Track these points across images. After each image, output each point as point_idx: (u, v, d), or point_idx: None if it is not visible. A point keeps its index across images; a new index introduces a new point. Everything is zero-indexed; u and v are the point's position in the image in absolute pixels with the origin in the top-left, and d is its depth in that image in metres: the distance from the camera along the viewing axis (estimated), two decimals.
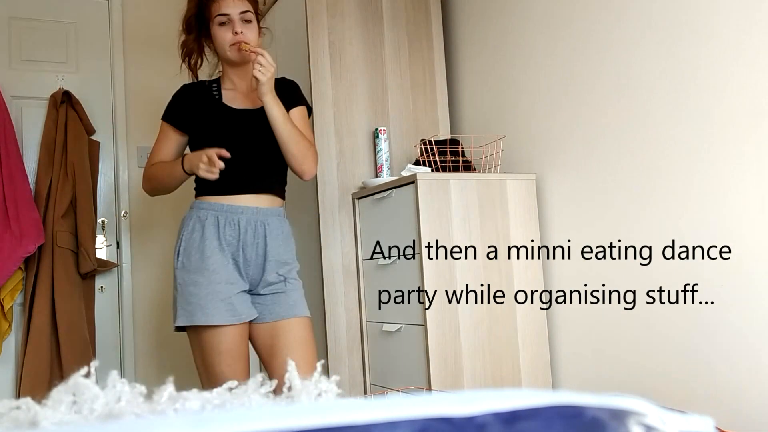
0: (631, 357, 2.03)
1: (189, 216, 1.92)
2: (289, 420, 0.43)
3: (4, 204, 2.76)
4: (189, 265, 1.85)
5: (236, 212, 1.89)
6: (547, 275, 2.33)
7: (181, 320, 1.82)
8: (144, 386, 0.64)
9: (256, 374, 0.72)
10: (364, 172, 2.54)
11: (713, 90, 1.78)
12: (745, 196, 1.70)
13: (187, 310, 1.81)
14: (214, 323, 1.80)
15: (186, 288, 1.83)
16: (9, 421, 0.59)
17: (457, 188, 2.18)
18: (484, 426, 0.45)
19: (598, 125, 2.14)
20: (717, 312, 1.78)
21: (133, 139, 3.20)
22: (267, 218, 1.92)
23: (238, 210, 1.89)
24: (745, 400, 1.70)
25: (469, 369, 2.11)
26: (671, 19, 1.89)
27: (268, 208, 1.93)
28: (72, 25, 3.15)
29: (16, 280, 2.81)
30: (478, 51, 2.70)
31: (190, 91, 2.05)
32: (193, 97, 2.01)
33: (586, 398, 0.51)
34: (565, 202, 2.27)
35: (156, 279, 3.19)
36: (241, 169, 1.91)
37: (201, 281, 1.82)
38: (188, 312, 1.81)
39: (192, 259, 1.85)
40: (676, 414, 0.52)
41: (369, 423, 0.43)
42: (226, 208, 1.88)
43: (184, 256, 1.87)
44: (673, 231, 1.90)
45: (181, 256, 1.88)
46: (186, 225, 1.91)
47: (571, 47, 2.24)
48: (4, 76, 2.98)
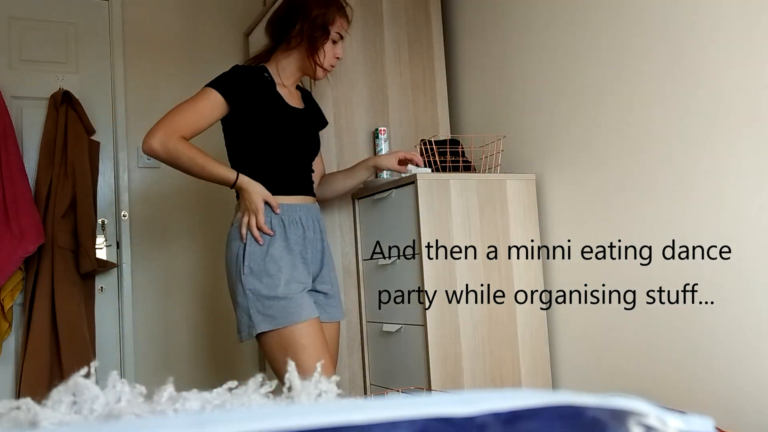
0: (631, 357, 2.03)
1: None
2: (289, 420, 0.43)
3: (4, 204, 2.75)
4: (260, 270, 1.81)
5: (296, 211, 1.91)
6: (547, 275, 2.33)
7: (264, 326, 1.78)
8: (144, 386, 0.64)
9: (256, 374, 0.71)
10: None
11: (713, 90, 1.78)
12: (745, 196, 1.70)
13: (267, 315, 1.78)
14: (303, 319, 1.79)
15: (260, 293, 1.79)
16: (9, 421, 0.59)
17: (457, 188, 2.18)
18: (484, 426, 0.45)
19: (598, 125, 2.14)
20: (717, 312, 1.78)
21: (133, 140, 3.20)
22: (319, 216, 1.99)
23: (297, 209, 1.91)
24: (745, 400, 1.70)
25: (469, 369, 2.11)
26: (672, 20, 1.89)
27: (317, 206, 2.01)
28: (72, 25, 3.15)
29: (16, 280, 2.81)
30: (478, 51, 2.70)
31: (249, 74, 1.93)
32: (254, 82, 1.91)
33: (586, 398, 0.51)
34: (565, 202, 2.27)
35: (156, 279, 3.19)
36: (297, 168, 1.96)
37: (277, 284, 1.80)
38: (269, 316, 1.78)
39: (263, 264, 1.81)
40: (676, 414, 0.52)
41: (369, 423, 0.43)
42: (287, 208, 1.89)
43: (251, 261, 1.82)
44: (673, 231, 1.90)
45: (248, 261, 1.82)
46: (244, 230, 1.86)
47: (571, 47, 2.24)
48: (4, 76, 2.98)
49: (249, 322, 1.80)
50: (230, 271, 1.87)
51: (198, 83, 3.32)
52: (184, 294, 3.24)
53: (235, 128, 1.93)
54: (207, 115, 1.85)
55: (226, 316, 3.31)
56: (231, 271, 1.87)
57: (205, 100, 1.85)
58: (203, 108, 1.84)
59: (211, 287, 3.30)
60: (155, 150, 1.78)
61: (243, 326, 1.82)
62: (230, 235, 1.91)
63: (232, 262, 1.86)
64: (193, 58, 3.36)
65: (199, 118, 1.84)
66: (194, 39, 3.37)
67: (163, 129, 1.78)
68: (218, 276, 3.31)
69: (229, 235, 1.91)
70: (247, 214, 1.84)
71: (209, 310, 3.28)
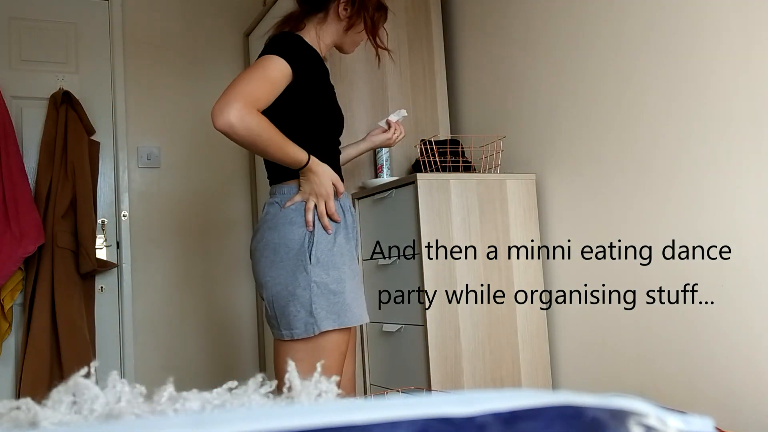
0: (631, 357, 2.03)
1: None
2: (289, 420, 0.43)
3: (4, 204, 2.76)
4: (326, 261, 1.62)
5: (345, 198, 1.75)
6: (547, 275, 2.33)
7: (329, 323, 1.60)
8: (144, 386, 0.64)
9: (256, 374, 0.72)
10: (364, 173, 2.54)
11: (714, 90, 1.78)
12: (745, 196, 1.70)
13: (333, 311, 1.61)
14: (363, 321, 1.67)
15: (327, 287, 1.61)
16: (9, 422, 0.59)
17: (457, 188, 2.18)
18: (484, 426, 0.45)
19: (598, 125, 2.14)
20: (717, 312, 1.78)
21: (133, 140, 3.20)
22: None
23: (345, 196, 1.75)
24: (745, 400, 1.70)
25: (469, 369, 2.11)
26: (673, 20, 1.89)
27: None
28: (72, 25, 3.15)
29: (16, 281, 2.81)
30: (478, 51, 2.70)
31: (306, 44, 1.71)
32: (312, 54, 1.71)
33: (586, 398, 0.51)
34: (565, 202, 2.27)
35: (156, 279, 3.19)
36: (337, 151, 1.83)
37: (343, 278, 1.64)
38: (335, 314, 1.61)
39: (330, 254, 1.63)
40: (676, 414, 0.52)
41: (369, 423, 0.43)
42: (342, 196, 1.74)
43: (317, 251, 1.62)
44: (673, 231, 1.90)
45: (315, 250, 1.62)
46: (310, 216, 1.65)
47: (571, 47, 2.24)
48: (4, 77, 2.98)
49: (309, 319, 1.59)
50: (278, 260, 1.63)
51: (198, 83, 3.35)
52: (184, 294, 3.24)
53: (287, 104, 1.67)
54: (279, 85, 1.60)
55: (226, 315, 3.31)
56: (286, 260, 1.63)
57: (276, 69, 1.59)
58: (276, 77, 1.59)
59: (211, 287, 3.30)
60: (234, 126, 1.48)
61: (298, 322, 1.60)
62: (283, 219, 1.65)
63: (291, 250, 1.62)
64: (193, 58, 3.36)
65: (273, 90, 1.58)
66: (194, 39, 3.38)
67: (241, 101, 1.49)
68: (218, 276, 3.31)
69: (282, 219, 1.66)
70: (314, 198, 1.64)
71: (209, 310, 3.28)
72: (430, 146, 2.35)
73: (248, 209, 3.41)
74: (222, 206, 3.36)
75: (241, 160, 3.41)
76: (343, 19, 1.78)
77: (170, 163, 3.26)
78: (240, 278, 3.35)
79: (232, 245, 3.35)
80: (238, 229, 3.38)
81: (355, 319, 1.64)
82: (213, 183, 3.35)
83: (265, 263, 1.66)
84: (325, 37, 1.80)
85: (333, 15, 1.79)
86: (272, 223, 1.67)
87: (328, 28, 1.80)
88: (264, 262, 1.66)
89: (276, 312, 1.65)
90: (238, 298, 3.34)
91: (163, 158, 3.25)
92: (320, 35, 1.79)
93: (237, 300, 3.34)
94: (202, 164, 3.33)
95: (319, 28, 1.79)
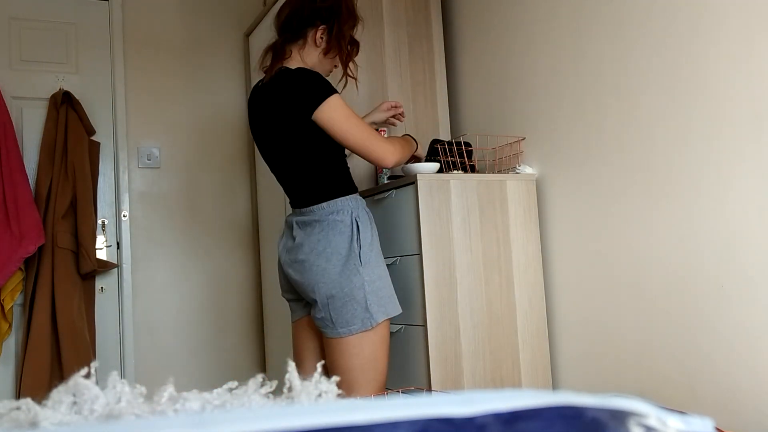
0: (631, 357, 2.03)
1: (353, 211, 1.87)
2: (289, 420, 0.43)
3: (4, 204, 2.76)
4: (371, 261, 1.84)
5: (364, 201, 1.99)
6: (547, 275, 2.33)
7: (381, 315, 1.83)
8: (144, 387, 0.64)
9: (256, 374, 0.71)
10: (364, 173, 2.54)
11: (713, 90, 1.78)
12: (745, 196, 1.70)
13: (382, 304, 1.83)
14: (400, 311, 1.91)
15: (374, 283, 1.83)
16: (9, 422, 0.59)
17: (457, 188, 2.18)
18: (484, 426, 0.45)
19: (598, 125, 2.14)
20: (717, 312, 1.78)
21: (133, 140, 3.20)
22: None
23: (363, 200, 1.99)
24: (745, 401, 1.70)
25: (469, 369, 2.11)
26: (675, 21, 1.89)
27: None
28: (72, 25, 3.15)
29: (17, 281, 2.81)
30: (479, 51, 2.70)
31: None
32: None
33: (586, 399, 0.51)
34: (565, 202, 2.27)
35: (156, 279, 3.19)
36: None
37: (384, 275, 1.88)
38: (383, 306, 1.84)
39: (372, 255, 1.85)
40: (676, 415, 0.52)
41: (369, 423, 0.43)
42: (364, 203, 1.96)
43: (368, 251, 1.84)
44: (673, 231, 1.90)
45: (365, 250, 1.84)
46: (358, 221, 1.86)
47: (572, 47, 2.24)
48: (5, 77, 2.98)
49: (365, 314, 1.81)
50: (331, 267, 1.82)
51: (198, 83, 3.35)
52: (184, 294, 3.24)
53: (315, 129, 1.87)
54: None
55: (226, 315, 3.31)
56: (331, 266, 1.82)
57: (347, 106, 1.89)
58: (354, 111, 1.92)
59: (211, 287, 3.30)
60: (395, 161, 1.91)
61: (356, 319, 1.80)
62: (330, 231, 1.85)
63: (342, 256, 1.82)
64: (193, 58, 3.36)
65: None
66: (194, 39, 3.38)
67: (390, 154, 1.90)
68: (218, 275, 3.31)
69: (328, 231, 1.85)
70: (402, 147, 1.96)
71: (209, 310, 3.28)
72: (442, 146, 2.33)
73: (248, 209, 3.41)
74: (222, 206, 3.36)
75: (241, 160, 3.41)
76: (320, 45, 1.96)
77: (170, 163, 3.26)
78: (240, 278, 3.35)
79: (233, 245, 3.35)
80: (238, 229, 3.37)
81: (397, 309, 1.89)
82: (213, 183, 3.35)
83: (317, 271, 1.84)
84: (307, 61, 1.97)
85: (311, 41, 1.96)
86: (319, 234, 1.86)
87: (308, 53, 1.97)
88: (315, 270, 1.84)
89: (331, 313, 1.83)
90: (239, 298, 3.34)
91: (163, 158, 3.25)
92: (304, 59, 1.97)
93: (238, 300, 3.34)
94: (202, 164, 3.33)
95: (301, 53, 1.97)
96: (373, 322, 1.81)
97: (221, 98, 3.40)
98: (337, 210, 1.87)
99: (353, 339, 1.81)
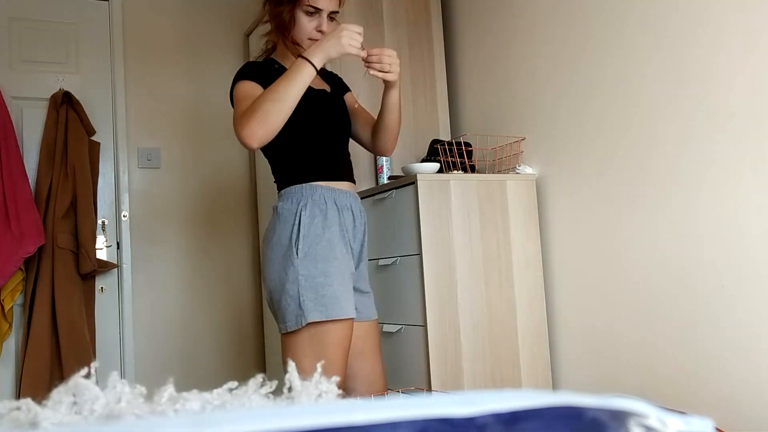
0: (631, 357, 2.03)
1: (300, 200, 1.74)
2: (289, 420, 0.43)
3: (4, 205, 2.76)
4: (315, 254, 1.68)
5: (347, 198, 1.79)
6: (547, 275, 2.33)
7: (316, 315, 1.64)
8: (144, 387, 0.64)
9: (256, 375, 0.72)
10: (364, 173, 2.54)
11: (713, 90, 1.78)
12: (745, 196, 1.70)
13: (321, 303, 1.65)
14: (350, 316, 1.69)
15: (314, 280, 1.66)
16: (9, 422, 0.59)
17: (457, 188, 2.18)
18: (484, 427, 0.45)
19: (598, 125, 2.14)
20: (717, 312, 1.78)
21: (133, 140, 3.20)
22: (362, 206, 1.86)
23: (347, 195, 1.79)
24: (745, 401, 1.70)
25: (469, 369, 2.11)
26: (676, 22, 1.89)
27: (358, 195, 1.87)
28: (72, 25, 3.15)
29: (17, 281, 2.81)
30: (479, 51, 2.70)
31: (260, 67, 1.83)
32: (267, 73, 1.81)
33: (586, 399, 0.51)
34: (565, 202, 2.27)
35: (156, 279, 3.19)
36: (333, 152, 1.84)
37: (331, 271, 1.68)
38: (323, 305, 1.65)
39: (318, 248, 1.69)
40: (675, 415, 0.52)
41: (369, 423, 0.43)
42: (338, 194, 1.77)
43: (305, 245, 1.68)
44: (674, 231, 1.90)
45: (302, 244, 1.68)
46: (302, 210, 1.72)
47: (572, 47, 2.24)
48: (5, 77, 2.98)
49: (298, 311, 1.65)
50: (274, 257, 1.72)
51: (198, 83, 3.35)
52: (184, 294, 3.24)
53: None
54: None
55: (226, 315, 3.31)
56: (275, 257, 1.72)
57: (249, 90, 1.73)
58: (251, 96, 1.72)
59: (211, 287, 3.30)
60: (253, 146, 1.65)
61: (290, 315, 1.67)
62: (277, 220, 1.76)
63: (282, 246, 1.71)
64: (193, 58, 3.36)
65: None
66: (194, 39, 3.38)
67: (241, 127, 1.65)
68: (218, 275, 3.31)
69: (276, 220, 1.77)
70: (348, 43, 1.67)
71: (209, 310, 3.28)
72: (442, 146, 2.33)
73: (248, 209, 3.41)
74: (222, 206, 3.36)
75: (241, 160, 3.41)
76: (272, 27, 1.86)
77: (170, 163, 3.26)
78: (240, 278, 3.35)
79: (232, 245, 3.35)
80: (238, 229, 3.38)
81: (344, 312, 1.67)
82: (213, 183, 3.35)
83: (265, 261, 1.76)
84: (279, 47, 1.90)
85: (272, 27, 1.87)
86: (271, 224, 1.79)
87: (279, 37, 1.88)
88: (264, 260, 1.77)
89: (274, 307, 1.73)
90: (239, 298, 3.34)
91: (163, 158, 3.25)
92: (285, 52, 1.88)
93: (237, 300, 3.34)
94: (202, 164, 3.33)
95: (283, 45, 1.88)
96: (303, 320, 1.64)
97: (221, 98, 3.40)
98: (285, 198, 1.77)
99: (297, 338, 1.67)
